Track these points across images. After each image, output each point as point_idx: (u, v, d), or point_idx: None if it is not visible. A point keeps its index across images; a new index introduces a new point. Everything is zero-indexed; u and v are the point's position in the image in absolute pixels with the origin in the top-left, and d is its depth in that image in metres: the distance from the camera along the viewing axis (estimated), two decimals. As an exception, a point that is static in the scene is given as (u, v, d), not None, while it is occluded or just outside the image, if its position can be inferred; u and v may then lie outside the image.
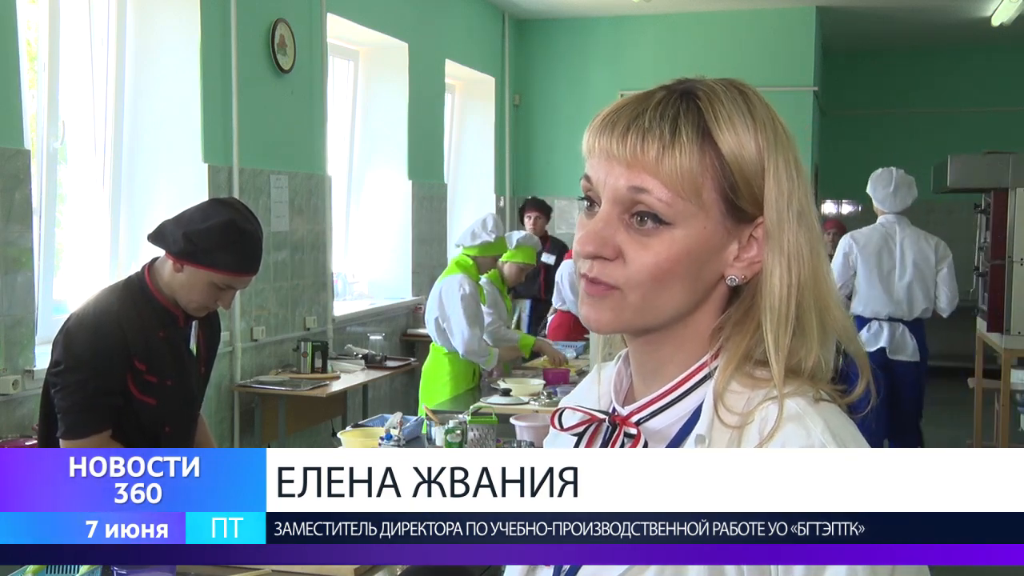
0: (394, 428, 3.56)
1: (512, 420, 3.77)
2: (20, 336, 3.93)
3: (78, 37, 4.67)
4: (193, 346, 2.75)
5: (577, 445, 1.08)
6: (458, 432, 3.36)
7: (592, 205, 1.00)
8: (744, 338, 0.99)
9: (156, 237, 2.63)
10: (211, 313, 2.78)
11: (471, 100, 8.96)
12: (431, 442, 3.53)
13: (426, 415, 3.73)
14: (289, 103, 5.78)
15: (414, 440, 3.67)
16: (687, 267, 0.97)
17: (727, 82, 1.00)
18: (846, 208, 11.24)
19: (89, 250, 4.84)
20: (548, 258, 7.10)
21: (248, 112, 5.32)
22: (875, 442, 5.83)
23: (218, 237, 2.56)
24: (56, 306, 4.39)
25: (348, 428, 3.86)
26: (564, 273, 6.47)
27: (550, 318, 6.82)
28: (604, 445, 1.05)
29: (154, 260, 2.68)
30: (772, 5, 8.70)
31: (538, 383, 4.74)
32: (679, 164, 0.94)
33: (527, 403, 4.44)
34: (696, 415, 0.98)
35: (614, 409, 1.07)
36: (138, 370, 2.55)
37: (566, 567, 1.03)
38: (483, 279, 5.32)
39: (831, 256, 9.32)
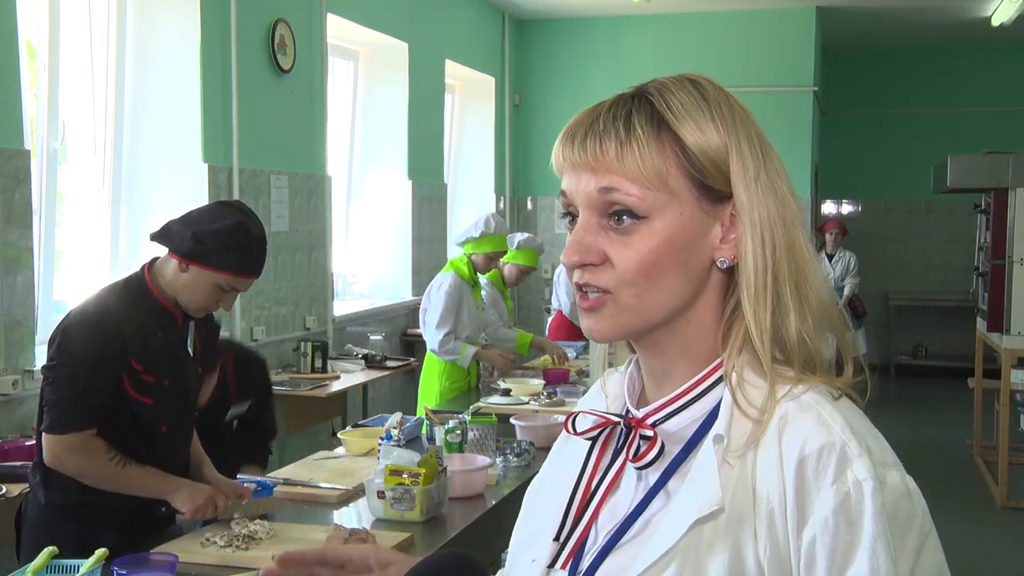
0: (394, 428, 3.56)
1: (512, 420, 3.77)
2: (20, 336, 3.93)
3: (78, 37, 4.68)
4: (190, 347, 2.75)
5: (591, 449, 1.08)
6: (458, 432, 3.36)
7: (574, 220, 1.01)
8: (743, 326, 0.98)
9: (161, 236, 2.63)
10: (208, 314, 2.78)
11: (471, 100, 8.96)
12: (431, 442, 3.52)
13: (426, 415, 3.73)
14: (289, 103, 5.78)
15: (414, 440, 3.67)
16: (672, 256, 0.97)
17: (677, 77, 1.02)
18: (846, 208, 11.24)
19: (89, 250, 4.84)
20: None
21: (248, 112, 5.32)
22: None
23: (227, 239, 2.56)
24: (56, 306, 4.39)
25: (348, 428, 3.86)
26: (561, 274, 6.48)
27: (550, 319, 6.82)
28: (619, 448, 1.04)
29: (154, 260, 2.68)
30: (772, 5, 8.69)
31: (538, 383, 4.75)
32: (638, 157, 0.95)
33: (527, 403, 4.44)
34: (713, 415, 0.98)
35: (628, 412, 1.06)
36: (135, 370, 2.55)
37: (583, 568, 1.02)
38: (483, 279, 5.32)
39: (830, 257, 9.36)
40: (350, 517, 2.89)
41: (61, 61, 4.50)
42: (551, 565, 1.05)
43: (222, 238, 2.56)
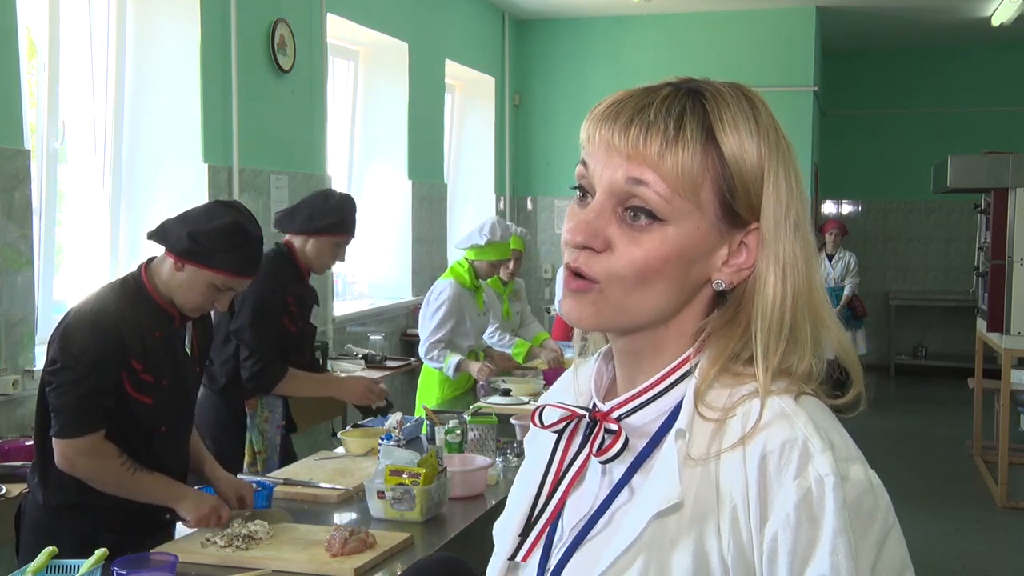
0: (394, 428, 3.56)
1: (512, 420, 3.77)
2: (20, 336, 3.93)
3: (78, 37, 4.68)
4: (188, 347, 2.75)
5: (557, 442, 1.08)
6: (458, 432, 3.36)
7: (585, 195, 0.99)
8: (730, 341, 0.98)
9: (158, 235, 2.63)
10: (204, 314, 2.78)
11: (471, 100, 8.96)
12: (431, 442, 3.52)
13: (426, 415, 3.73)
14: (289, 103, 5.78)
15: (414, 440, 3.67)
16: (675, 267, 0.97)
17: (733, 86, 1.00)
18: (846, 208, 11.24)
19: (89, 250, 4.84)
20: None
21: (248, 112, 5.32)
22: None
23: (223, 238, 2.56)
24: (56, 306, 4.39)
25: (348, 428, 3.86)
26: (560, 274, 6.46)
27: (551, 319, 6.82)
28: (584, 442, 1.05)
29: (151, 259, 2.68)
30: (772, 5, 8.70)
31: (538, 383, 4.74)
32: (680, 161, 0.94)
33: (527, 403, 4.44)
34: (677, 411, 0.98)
35: (595, 405, 1.06)
36: (134, 369, 2.55)
37: (552, 565, 1.03)
38: (483, 284, 5.27)
39: (830, 257, 9.36)
40: (350, 517, 2.89)
41: (61, 61, 4.49)
42: (512, 558, 1.06)
43: (218, 238, 2.56)
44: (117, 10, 4.89)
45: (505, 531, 1.10)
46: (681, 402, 0.98)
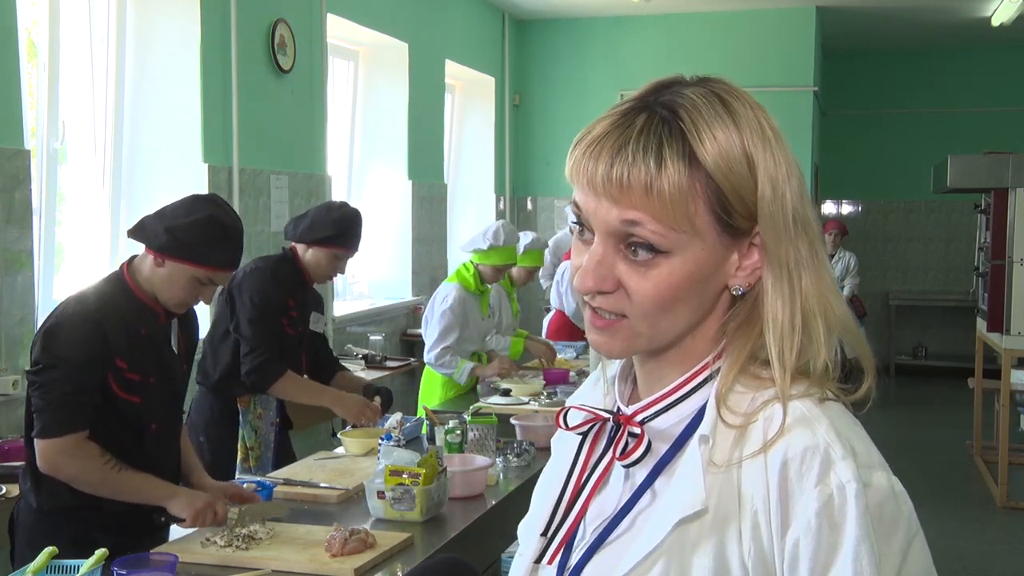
0: (394, 428, 3.56)
1: (512, 420, 3.77)
2: (20, 336, 3.93)
3: (78, 37, 4.68)
4: (174, 344, 2.74)
5: (582, 444, 1.09)
6: (458, 432, 3.36)
7: (583, 229, 0.99)
8: (748, 341, 0.98)
9: (137, 232, 2.64)
10: (189, 311, 2.78)
11: (471, 100, 8.96)
12: (431, 442, 3.52)
13: (426, 415, 3.73)
14: (289, 103, 5.78)
15: (414, 440, 3.67)
16: (689, 289, 0.96)
17: (708, 90, 0.97)
18: (846, 208, 11.24)
19: (89, 250, 4.84)
20: None
21: (248, 112, 5.32)
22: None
23: (200, 232, 2.57)
24: (56, 306, 4.39)
25: (348, 428, 3.86)
26: (563, 274, 6.45)
27: (548, 317, 6.81)
28: (608, 444, 1.05)
29: (133, 257, 2.68)
30: (772, 5, 8.70)
31: (538, 383, 4.74)
32: (668, 196, 0.92)
33: (527, 403, 4.44)
34: (700, 415, 0.98)
35: (618, 408, 1.06)
36: (119, 368, 2.53)
37: (571, 565, 1.03)
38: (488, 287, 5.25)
39: (830, 257, 9.36)
40: (350, 517, 2.89)
41: (61, 61, 4.49)
42: (538, 560, 1.06)
43: (195, 231, 2.57)
44: (117, 10, 4.89)
45: (530, 531, 1.10)
46: (703, 406, 0.98)
